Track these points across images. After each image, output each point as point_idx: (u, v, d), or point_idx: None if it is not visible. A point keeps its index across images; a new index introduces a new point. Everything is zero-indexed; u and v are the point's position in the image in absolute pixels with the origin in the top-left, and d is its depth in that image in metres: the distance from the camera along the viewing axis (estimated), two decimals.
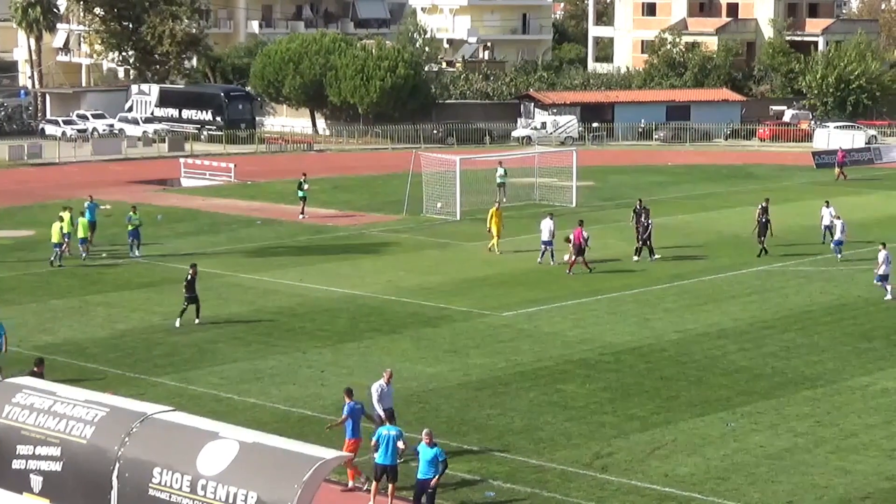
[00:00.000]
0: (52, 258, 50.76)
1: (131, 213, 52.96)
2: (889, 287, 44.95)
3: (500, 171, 68.32)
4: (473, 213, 63.63)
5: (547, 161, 71.86)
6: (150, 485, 21.57)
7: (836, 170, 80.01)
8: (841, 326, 41.33)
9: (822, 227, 54.96)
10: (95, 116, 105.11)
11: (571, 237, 49.39)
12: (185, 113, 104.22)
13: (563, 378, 35.29)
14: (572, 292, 46.18)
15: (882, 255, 45.12)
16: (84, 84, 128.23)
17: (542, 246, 51.48)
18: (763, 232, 52.57)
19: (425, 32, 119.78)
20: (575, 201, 65.58)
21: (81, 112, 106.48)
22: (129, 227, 52.62)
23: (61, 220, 51.26)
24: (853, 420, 31.79)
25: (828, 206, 55.07)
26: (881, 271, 44.93)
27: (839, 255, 51.78)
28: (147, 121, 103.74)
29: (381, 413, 28.52)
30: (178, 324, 40.75)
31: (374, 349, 38.33)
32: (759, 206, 53.65)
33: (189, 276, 41.26)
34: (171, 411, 23.21)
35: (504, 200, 66.83)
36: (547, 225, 51.31)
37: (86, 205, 54.83)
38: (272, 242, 56.96)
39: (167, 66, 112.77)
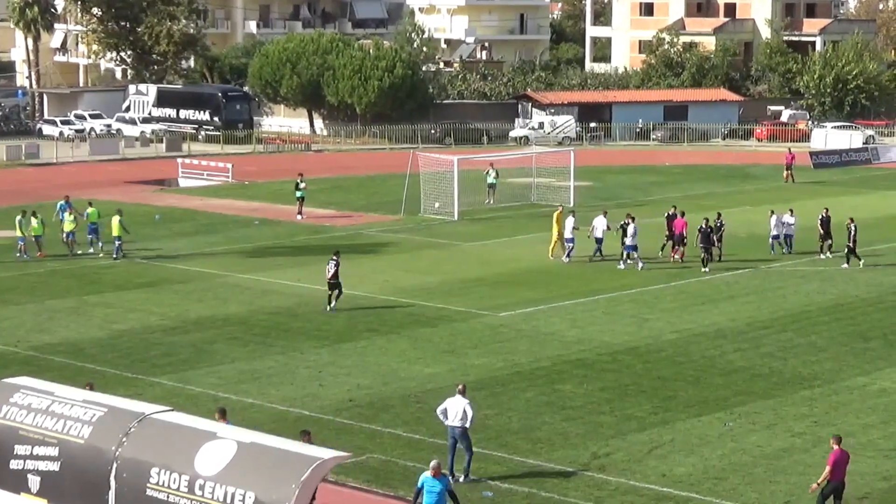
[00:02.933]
0: (115, 254, 51.97)
1: (88, 208, 53.43)
2: (638, 256, 49.84)
3: (492, 172, 68.30)
4: (471, 213, 63.68)
5: (544, 161, 71.84)
6: (148, 485, 21.57)
7: (785, 172, 79.26)
8: (838, 326, 41.33)
9: (783, 234, 54.04)
10: (93, 116, 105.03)
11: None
12: (183, 113, 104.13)
13: (561, 378, 35.29)
14: (570, 292, 46.19)
15: (630, 227, 49.73)
16: (81, 84, 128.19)
17: (567, 244, 51.65)
18: (705, 240, 51.16)
19: (423, 32, 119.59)
20: (573, 201, 65.52)
21: (79, 112, 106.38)
22: (88, 223, 52.95)
23: (120, 213, 52.49)
24: (851, 420, 31.81)
25: (791, 214, 54.19)
26: (629, 242, 49.75)
27: (774, 251, 52.92)
28: (145, 121, 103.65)
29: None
30: (329, 308, 42.48)
31: (371, 349, 38.32)
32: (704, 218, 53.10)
33: (335, 263, 42.41)
34: (169, 411, 23.21)
35: (491, 202, 66.94)
36: (569, 223, 51.46)
37: (59, 204, 55.12)
38: (270, 242, 56.94)
39: (165, 66, 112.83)
